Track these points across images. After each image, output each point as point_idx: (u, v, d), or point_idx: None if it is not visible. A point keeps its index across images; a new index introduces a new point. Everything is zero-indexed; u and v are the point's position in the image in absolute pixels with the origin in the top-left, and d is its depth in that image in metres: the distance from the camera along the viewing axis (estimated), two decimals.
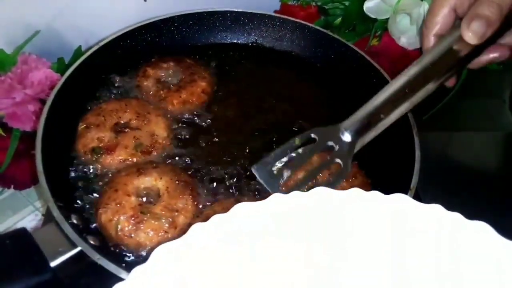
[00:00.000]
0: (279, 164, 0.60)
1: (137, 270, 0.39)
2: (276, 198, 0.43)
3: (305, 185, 0.60)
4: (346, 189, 0.45)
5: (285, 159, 0.60)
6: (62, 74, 0.72)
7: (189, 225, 0.58)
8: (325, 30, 0.82)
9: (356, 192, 0.45)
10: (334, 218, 0.43)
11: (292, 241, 0.42)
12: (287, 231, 0.42)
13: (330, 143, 0.61)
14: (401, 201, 0.44)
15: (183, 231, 0.58)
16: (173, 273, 0.39)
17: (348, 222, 0.43)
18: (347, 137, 0.61)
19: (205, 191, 0.64)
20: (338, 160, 0.60)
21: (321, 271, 0.41)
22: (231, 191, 0.64)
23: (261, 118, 0.74)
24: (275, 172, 0.59)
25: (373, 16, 0.85)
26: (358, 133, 0.61)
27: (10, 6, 0.80)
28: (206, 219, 0.58)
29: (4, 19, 0.81)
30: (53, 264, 0.50)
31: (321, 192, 0.44)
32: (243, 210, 0.42)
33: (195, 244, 0.40)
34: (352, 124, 0.61)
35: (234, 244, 0.41)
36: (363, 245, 0.42)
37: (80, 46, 0.85)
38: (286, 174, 0.59)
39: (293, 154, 0.60)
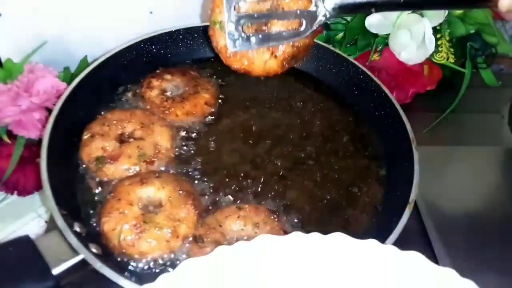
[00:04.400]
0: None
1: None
2: (298, 235, 0.46)
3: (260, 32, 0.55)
4: None
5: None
6: (68, 84, 0.73)
7: (191, 234, 0.59)
8: (327, 45, 0.83)
9: (373, 243, 0.46)
10: (347, 266, 0.45)
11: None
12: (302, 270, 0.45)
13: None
14: (416, 259, 0.45)
15: (185, 240, 0.59)
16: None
17: (361, 271, 0.45)
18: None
19: (207, 200, 0.65)
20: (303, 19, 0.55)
21: None
22: (232, 199, 0.65)
23: (264, 129, 0.75)
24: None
25: (374, 32, 0.86)
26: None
27: (18, 17, 0.82)
28: (208, 228, 0.59)
29: (12, 29, 0.82)
30: (55, 271, 0.50)
31: (339, 238, 0.46)
32: (265, 241, 0.46)
33: (218, 264, 0.45)
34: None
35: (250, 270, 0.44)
36: None
37: (86, 57, 0.86)
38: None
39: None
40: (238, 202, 0.64)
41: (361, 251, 0.45)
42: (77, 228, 0.55)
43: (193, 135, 0.72)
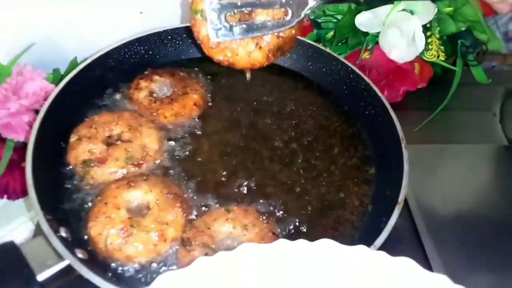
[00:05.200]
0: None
1: None
2: (282, 243, 0.44)
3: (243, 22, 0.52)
4: None
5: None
6: (57, 85, 0.73)
7: (179, 238, 0.59)
8: (316, 44, 0.83)
9: (362, 249, 0.45)
10: (338, 273, 0.44)
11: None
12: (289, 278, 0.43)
13: None
14: (407, 265, 0.44)
15: (173, 244, 0.59)
16: None
17: (351, 278, 0.43)
18: None
19: (196, 202, 0.64)
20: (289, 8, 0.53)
21: None
22: (221, 202, 0.64)
23: (253, 130, 0.75)
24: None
25: (364, 30, 0.86)
26: None
27: (6, 18, 0.81)
28: (196, 230, 0.59)
29: (1, 30, 0.82)
30: (40, 278, 0.50)
31: (327, 244, 0.44)
32: (247, 250, 0.44)
33: (198, 277, 0.42)
34: None
35: (233, 282, 0.42)
36: None
37: (75, 58, 0.85)
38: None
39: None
40: (227, 204, 0.64)
41: (350, 257, 0.44)
42: (63, 233, 0.55)
43: (182, 136, 0.72)
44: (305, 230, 0.63)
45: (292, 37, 0.56)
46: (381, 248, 0.57)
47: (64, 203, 0.62)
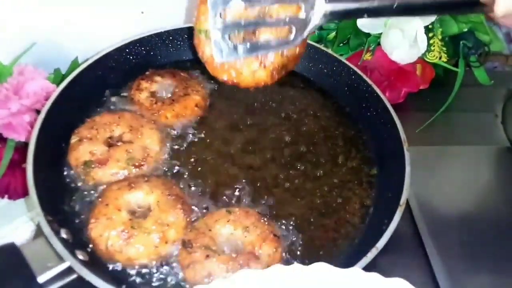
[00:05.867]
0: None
1: None
2: (277, 268, 0.45)
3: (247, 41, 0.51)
4: None
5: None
6: (58, 85, 0.72)
7: (180, 239, 0.59)
8: (318, 45, 0.83)
9: (356, 272, 0.45)
10: None
11: None
12: None
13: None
14: (400, 286, 0.45)
15: (174, 245, 0.59)
16: None
17: None
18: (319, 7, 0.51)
19: (197, 204, 0.64)
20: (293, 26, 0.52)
21: None
22: (222, 203, 0.64)
23: (254, 131, 0.75)
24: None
25: (366, 31, 0.85)
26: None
27: (8, 17, 0.81)
28: (197, 232, 0.59)
29: (2, 30, 0.81)
30: (41, 279, 0.50)
31: (321, 268, 0.45)
32: (244, 276, 0.44)
33: None
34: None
35: None
36: None
37: (76, 58, 0.85)
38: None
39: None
40: (228, 205, 0.64)
41: (344, 280, 0.45)
42: (63, 235, 0.55)
43: (183, 138, 0.72)
44: (306, 232, 0.63)
45: (297, 55, 0.56)
46: (382, 249, 0.57)
47: (65, 204, 0.62)
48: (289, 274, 0.45)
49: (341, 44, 0.89)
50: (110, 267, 0.57)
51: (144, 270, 0.57)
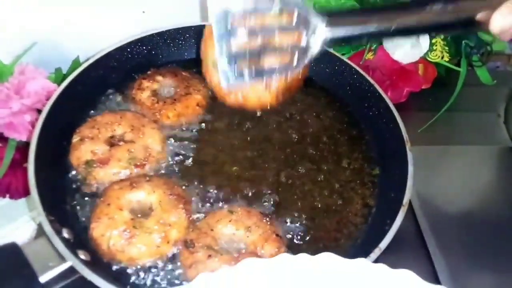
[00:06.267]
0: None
1: None
2: (283, 257, 0.44)
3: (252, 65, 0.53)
4: None
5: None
6: (59, 85, 0.72)
7: (182, 239, 0.59)
8: None
9: (363, 262, 0.45)
10: (339, 286, 0.44)
11: None
12: None
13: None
14: (407, 277, 0.44)
15: (176, 245, 0.58)
16: None
17: None
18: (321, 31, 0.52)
19: (198, 203, 0.64)
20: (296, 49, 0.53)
21: None
22: (224, 202, 0.64)
23: (256, 131, 0.74)
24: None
25: None
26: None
27: (8, 17, 0.81)
28: (199, 232, 0.59)
29: (3, 30, 0.81)
30: (42, 279, 0.50)
31: (328, 258, 0.44)
32: (249, 265, 0.44)
33: None
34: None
35: None
36: None
37: (78, 57, 0.85)
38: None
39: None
40: (230, 205, 0.64)
41: (350, 271, 0.44)
42: (65, 234, 0.55)
43: (185, 137, 0.71)
44: (308, 231, 0.63)
45: (300, 79, 0.58)
46: (385, 249, 0.57)
47: (67, 203, 0.62)
48: (295, 263, 0.45)
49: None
50: (112, 267, 0.57)
51: (145, 270, 0.57)
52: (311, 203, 0.66)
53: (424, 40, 0.83)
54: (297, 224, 0.63)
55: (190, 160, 0.69)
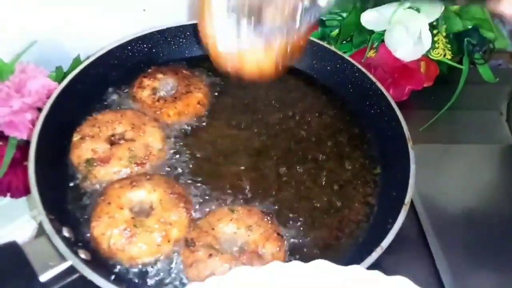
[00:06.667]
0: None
1: None
2: (275, 265, 0.44)
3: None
4: None
5: None
6: (60, 83, 0.72)
7: (183, 238, 0.58)
8: (321, 42, 0.82)
9: (357, 269, 0.44)
10: None
11: None
12: None
13: None
14: (402, 284, 0.44)
15: (177, 244, 0.58)
16: None
17: None
18: None
19: (199, 202, 0.64)
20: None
21: None
22: (225, 201, 0.64)
23: (258, 129, 0.74)
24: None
25: (370, 28, 0.85)
26: None
27: (9, 16, 0.80)
28: (200, 231, 0.59)
29: (3, 28, 0.81)
30: (43, 278, 0.49)
31: (322, 265, 0.44)
32: (241, 273, 0.43)
33: None
34: None
35: None
36: None
37: (78, 55, 0.85)
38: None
39: None
40: (231, 204, 0.63)
41: (345, 278, 0.44)
42: (65, 233, 0.54)
43: (186, 135, 0.71)
44: (310, 231, 0.63)
45: (300, 45, 0.55)
46: (387, 248, 0.56)
47: (67, 202, 0.61)
48: (288, 271, 0.44)
49: (345, 41, 0.89)
50: (113, 266, 0.56)
51: (146, 269, 0.57)
52: (312, 202, 0.66)
53: (426, 38, 0.82)
54: (298, 223, 0.63)
55: (191, 158, 0.68)
